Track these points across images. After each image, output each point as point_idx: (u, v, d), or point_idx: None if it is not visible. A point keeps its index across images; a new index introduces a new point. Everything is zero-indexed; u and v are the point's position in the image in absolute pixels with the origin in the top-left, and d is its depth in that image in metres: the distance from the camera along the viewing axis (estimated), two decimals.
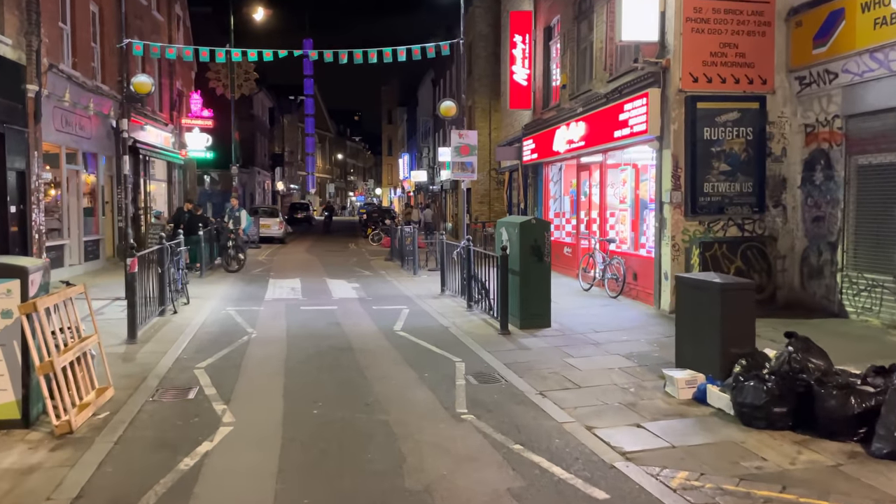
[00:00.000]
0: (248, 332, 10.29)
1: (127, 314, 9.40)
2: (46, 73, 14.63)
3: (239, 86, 26.81)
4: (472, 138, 14.17)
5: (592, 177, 15.16)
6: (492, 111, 28.91)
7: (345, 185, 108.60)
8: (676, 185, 11.29)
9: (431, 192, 44.42)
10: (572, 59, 16.15)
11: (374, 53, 13.82)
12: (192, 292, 13.92)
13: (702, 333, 7.11)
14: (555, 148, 16.40)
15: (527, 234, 10.34)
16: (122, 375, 7.67)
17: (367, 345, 9.47)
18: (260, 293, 14.45)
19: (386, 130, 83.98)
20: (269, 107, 57.25)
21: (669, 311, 11.35)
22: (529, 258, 10.37)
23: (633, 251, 13.42)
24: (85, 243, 17.41)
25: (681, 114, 11.22)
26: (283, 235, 30.11)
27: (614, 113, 12.79)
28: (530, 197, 19.49)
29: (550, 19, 18.00)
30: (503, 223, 11.17)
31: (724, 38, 11.25)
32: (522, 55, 19.07)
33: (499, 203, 29.61)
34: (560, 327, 10.45)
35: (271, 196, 59.15)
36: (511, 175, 22.55)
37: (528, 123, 19.21)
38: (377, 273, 18.75)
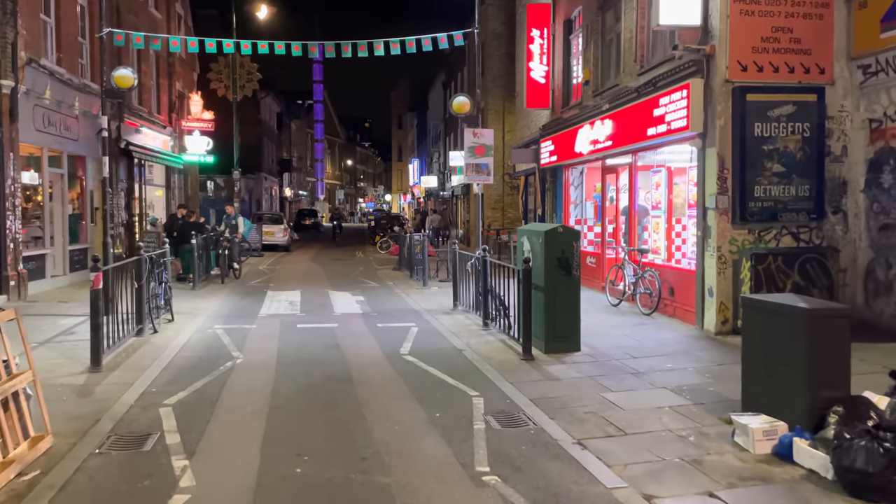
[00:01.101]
0: (234, 356, 8.97)
1: (90, 338, 8.10)
2: (24, 68, 13.43)
3: (241, 87, 25.60)
4: (487, 137, 12.85)
5: (620, 180, 13.79)
6: (505, 113, 27.60)
7: (354, 191, 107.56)
8: (722, 188, 9.90)
9: (442, 197, 43.13)
10: (596, 52, 14.81)
11: (381, 45, 12.52)
12: (181, 307, 12.67)
13: (779, 370, 5.73)
14: (577, 149, 15.05)
15: (553, 245, 9.00)
16: (71, 416, 6.36)
17: (368, 374, 8.13)
18: (254, 308, 13.15)
19: (396, 136, 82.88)
20: (278, 112, 56.18)
21: (715, 332, 9.96)
22: (556, 272, 9.03)
23: (668, 263, 12.03)
24: (71, 253, 16.19)
25: (727, 107, 9.85)
26: (287, 243, 28.87)
27: (647, 108, 11.44)
28: (548, 202, 18.13)
29: (571, 11, 16.68)
30: (525, 232, 9.83)
31: (777, 22, 9.88)
32: (540, 50, 17.75)
33: (512, 209, 28.27)
34: (591, 351, 9.08)
35: (279, 202, 58.03)
36: (527, 179, 21.21)
37: (547, 124, 17.87)
38: (384, 284, 17.43)
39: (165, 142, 23.97)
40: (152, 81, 22.82)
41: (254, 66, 26.11)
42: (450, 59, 39.69)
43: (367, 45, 12.50)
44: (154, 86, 23.10)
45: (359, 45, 12.46)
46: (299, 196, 68.71)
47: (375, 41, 12.49)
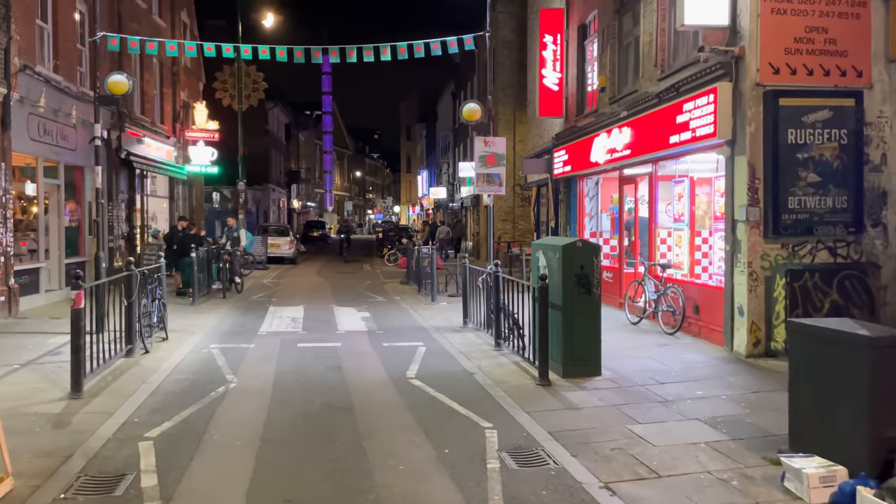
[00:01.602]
0: (228, 380, 8.33)
1: (71, 362, 7.48)
2: (17, 75, 12.92)
3: (247, 96, 25.07)
4: (499, 146, 12.22)
5: (639, 191, 13.12)
6: (516, 122, 27.00)
7: (363, 202, 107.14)
8: (753, 199, 9.22)
9: (451, 209, 42.52)
10: (613, 57, 14.18)
11: (388, 49, 11.93)
12: (178, 324, 12.09)
13: (835, 406, 5.04)
14: (592, 159, 14.39)
15: (571, 260, 8.34)
16: (40, 452, 5.73)
17: (371, 401, 7.47)
18: (255, 325, 12.53)
19: (405, 147, 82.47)
20: (286, 123, 55.84)
21: (746, 354, 9.24)
22: (574, 289, 8.36)
23: (692, 278, 11.33)
24: (68, 266, 15.62)
25: (758, 112, 9.18)
26: (293, 255, 28.27)
27: (670, 114, 10.78)
28: (562, 214, 17.47)
29: (586, 16, 16.07)
30: (540, 246, 9.17)
31: (811, 21, 9.22)
32: (553, 57, 17.15)
33: (524, 221, 27.60)
34: (613, 376, 8.38)
35: (287, 214, 57.59)
36: (539, 190, 20.56)
37: (560, 133, 17.23)
38: (391, 299, 16.79)
39: (169, 152, 23.48)
40: (155, 91, 22.37)
41: (259, 75, 25.62)
42: (459, 68, 39.20)
43: (373, 50, 11.92)
44: (157, 95, 22.65)
45: (364, 50, 11.89)
46: (308, 208, 68.28)
47: (382, 45, 11.92)
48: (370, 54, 11.92)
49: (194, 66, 27.87)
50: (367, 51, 11.89)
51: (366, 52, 11.89)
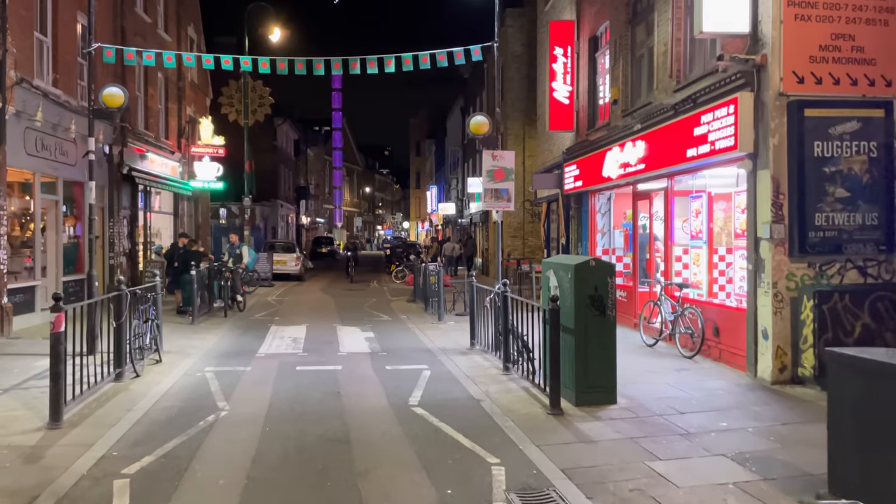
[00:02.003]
0: (219, 407, 7.84)
1: (49, 389, 7.02)
2: (13, 88, 12.60)
3: (253, 111, 24.79)
4: (508, 160, 11.75)
5: (654, 206, 12.60)
6: (525, 137, 26.57)
7: (373, 218, 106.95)
8: (778, 216, 8.68)
9: (460, 225, 42.06)
10: (625, 69, 13.72)
11: (392, 60, 11.52)
12: (174, 344, 11.64)
13: (885, 448, 4.48)
14: (604, 173, 13.90)
15: (584, 280, 7.83)
16: (5, 492, 5.25)
17: (370, 432, 6.96)
18: (253, 346, 12.05)
19: (414, 163, 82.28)
20: (295, 139, 55.72)
21: (772, 381, 8.66)
22: (587, 311, 7.85)
23: (711, 299, 10.78)
24: (66, 284, 15.22)
25: (782, 124, 8.67)
26: (300, 272, 27.86)
27: (687, 127, 10.28)
28: (573, 230, 16.95)
29: (597, 27, 15.64)
30: (551, 265, 8.66)
31: (837, 28, 8.73)
32: (564, 70, 16.71)
33: (533, 237, 27.09)
34: (629, 404, 7.84)
35: (295, 230, 57.32)
36: (549, 206, 20.05)
37: (571, 147, 16.76)
38: (397, 318, 16.29)
39: (174, 168, 23.19)
40: (160, 106, 22.09)
41: (266, 90, 25.35)
42: (468, 84, 38.92)
43: (377, 62, 11.51)
44: (162, 111, 22.37)
45: (368, 62, 11.48)
46: (317, 223, 68.04)
47: (386, 56, 11.51)
48: (374, 66, 11.51)
49: (201, 81, 27.66)
50: (371, 62, 11.49)
51: (369, 64, 11.48)
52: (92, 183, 11.12)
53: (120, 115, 17.52)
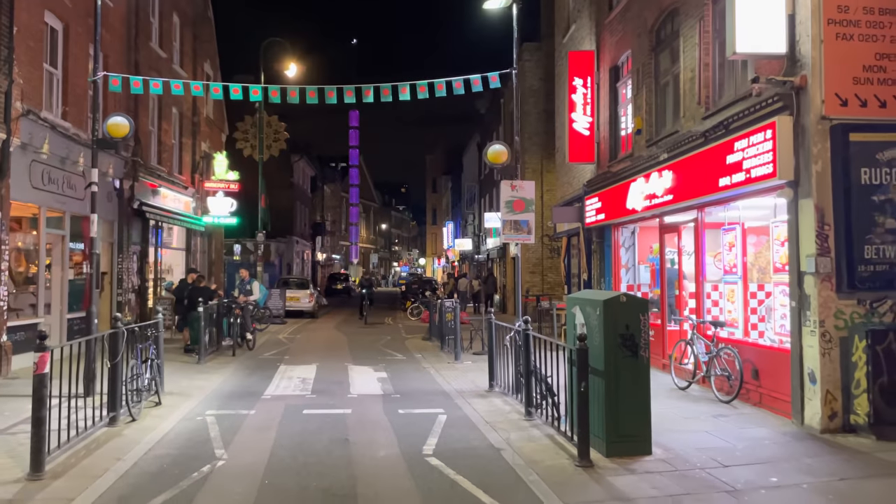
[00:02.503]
0: (216, 456, 7.21)
1: (31, 437, 6.43)
2: (19, 120, 12.29)
3: (268, 146, 24.60)
4: (527, 191, 11.19)
5: (683, 240, 11.94)
6: (544, 171, 26.11)
7: (389, 255, 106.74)
8: (823, 248, 8.01)
9: (477, 261, 41.48)
10: (649, 98, 13.21)
11: (406, 88, 11.08)
12: (177, 385, 11.07)
13: None
14: (628, 205, 13.30)
15: (614, 318, 7.18)
16: None
17: (378, 487, 6.28)
18: (260, 386, 11.43)
19: (430, 199, 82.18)
20: (311, 175, 55.76)
21: (821, 429, 7.89)
22: (618, 352, 7.18)
23: (748, 338, 10.05)
24: (70, 322, 14.75)
25: (825, 149, 8.06)
26: (313, 309, 27.30)
27: (718, 155, 9.69)
28: (595, 266, 16.29)
29: (618, 57, 15.20)
30: (577, 301, 8.01)
31: (882, 47, 8.15)
32: (584, 101, 16.25)
33: (553, 273, 26.41)
34: (666, 455, 7.10)
35: (311, 266, 57.01)
36: (569, 240, 19.43)
37: (592, 179, 16.20)
38: (411, 357, 15.63)
39: (187, 203, 22.89)
40: (174, 141, 21.88)
41: (281, 125, 25.19)
42: (484, 119, 38.73)
43: (390, 89, 11.09)
44: (176, 145, 22.16)
45: (382, 90, 11.05)
46: (332, 260, 67.77)
47: (401, 84, 11.09)
48: (388, 94, 11.07)
49: (217, 116, 27.57)
50: (385, 90, 11.06)
51: (383, 92, 11.06)
52: (94, 216, 10.66)
53: (130, 147, 17.36)
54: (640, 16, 13.61)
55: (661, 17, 12.78)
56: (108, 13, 16.45)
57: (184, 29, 22.41)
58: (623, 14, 14.69)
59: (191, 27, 23.19)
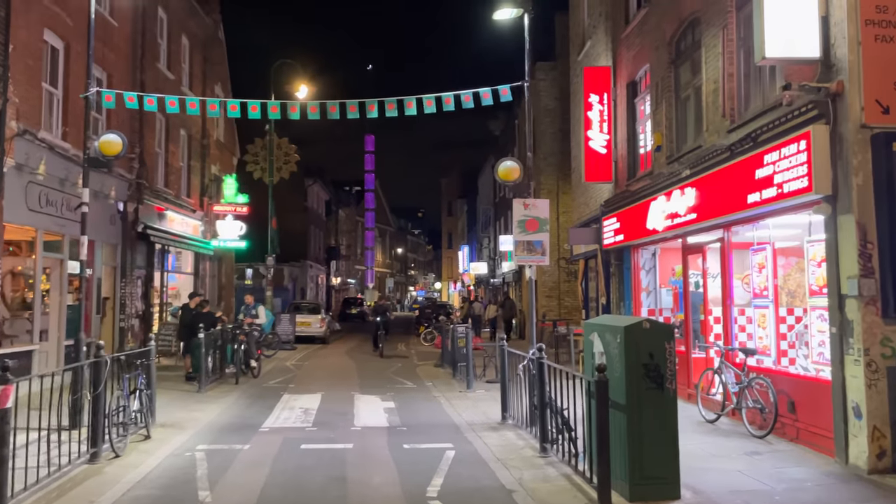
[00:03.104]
0: (200, 499, 6.57)
1: None
2: (13, 140, 11.90)
3: (278, 169, 24.22)
4: (541, 209, 10.55)
5: (708, 262, 11.22)
6: (559, 193, 25.49)
7: (405, 279, 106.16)
8: (866, 269, 7.29)
9: (492, 285, 40.77)
10: (669, 112, 12.59)
11: (412, 102, 10.55)
12: (171, 416, 10.47)
13: None
14: (649, 226, 12.62)
15: (636, 346, 6.51)
16: None
17: None
18: (259, 419, 10.79)
19: (446, 223, 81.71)
20: (326, 199, 55.53)
21: (868, 468, 7.11)
22: (641, 384, 6.49)
23: (782, 367, 9.28)
24: (68, 349, 14.20)
25: (866, 161, 7.37)
26: (324, 335, 26.67)
27: (746, 169, 9.02)
28: (614, 289, 15.57)
29: (635, 71, 14.62)
30: (595, 327, 7.34)
31: None
32: (600, 118, 15.66)
33: (570, 297, 25.66)
34: (696, 499, 6.37)
35: (325, 290, 56.53)
36: (587, 263, 18.74)
37: (610, 199, 15.55)
38: (422, 385, 14.94)
39: (196, 227, 22.48)
40: (182, 163, 21.53)
41: (292, 147, 24.83)
42: (498, 141, 38.28)
43: (396, 104, 10.55)
44: (184, 168, 21.81)
45: (387, 104, 10.52)
46: (348, 284, 67.29)
47: (407, 98, 10.54)
48: (393, 108, 10.54)
49: (228, 139, 27.30)
50: (391, 105, 10.53)
51: (388, 107, 10.53)
52: (85, 238, 10.15)
53: (134, 169, 16.95)
54: (659, 28, 13.04)
55: (681, 28, 12.20)
56: (113, 32, 16.19)
57: (193, 51, 22.18)
58: (640, 27, 14.13)
59: (201, 49, 22.97)
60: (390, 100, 10.51)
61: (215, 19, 24.48)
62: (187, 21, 21.67)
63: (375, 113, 10.43)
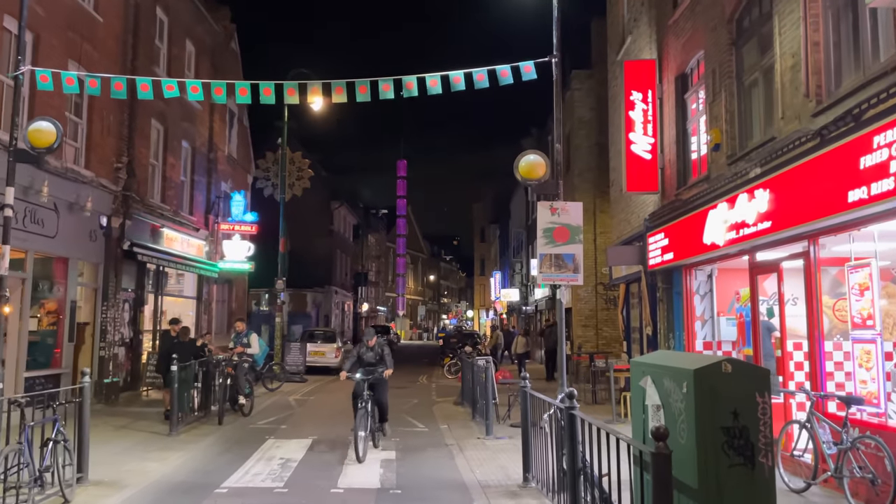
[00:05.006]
0: None
1: None
2: None
3: (290, 185, 22.48)
4: (573, 215, 8.38)
5: (784, 283, 8.91)
6: (596, 212, 23.23)
7: (437, 307, 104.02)
8: None
9: (525, 312, 38.43)
10: (730, 103, 10.41)
11: (437, 80, 8.71)
12: (113, 470, 8.54)
13: None
14: (706, 240, 10.39)
15: (713, 399, 4.36)
16: None
17: None
18: (224, 473, 8.74)
19: (478, 249, 79.62)
20: (354, 224, 53.93)
21: None
22: (720, 458, 4.35)
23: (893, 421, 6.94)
24: (28, 381, 12.41)
25: None
26: (339, 365, 24.55)
27: (846, 157, 6.81)
28: (661, 318, 13.27)
29: (686, 61, 12.49)
30: (649, 368, 5.17)
31: None
32: (644, 118, 13.49)
33: (609, 327, 23.23)
34: None
35: (352, 318, 54.66)
36: (628, 288, 16.44)
37: (656, 212, 13.33)
38: (434, 428, 12.79)
39: (200, 247, 20.77)
40: (183, 178, 19.89)
41: (305, 162, 23.13)
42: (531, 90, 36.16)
43: (414, 82, 8.67)
44: (186, 183, 20.17)
45: (405, 83, 8.63)
46: (377, 312, 65.38)
47: (430, 76, 8.63)
48: (412, 87, 8.72)
49: (241, 155, 25.73)
50: (409, 83, 8.69)
51: (407, 86, 8.70)
52: (7, 248, 8.26)
53: (121, 180, 15.20)
54: (716, 5, 10.92)
55: (744, 1, 10.07)
56: (97, 27, 14.65)
57: (200, 58, 20.65)
58: (692, 9, 12.03)
59: (209, 57, 21.45)
60: (409, 78, 8.62)
61: (226, 27, 23.04)
62: (193, 27, 20.19)
63: (391, 93, 8.55)
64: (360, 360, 10.66)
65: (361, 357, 10.69)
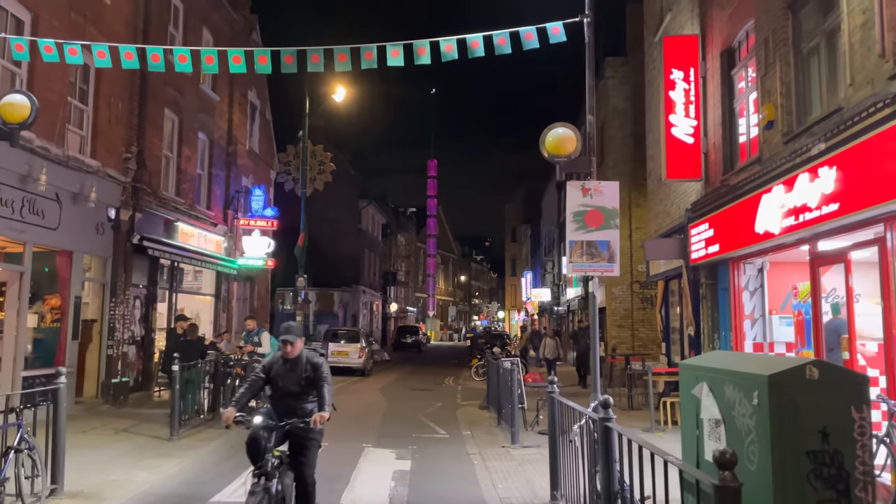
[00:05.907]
0: None
1: None
2: None
3: (311, 179, 21.71)
4: (608, 196, 7.30)
5: (852, 276, 7.75)
6: (632, 206, 22.01)
7: (468, 308, 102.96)
8: None
9: (557, 313, 37.23)
10: (786, 73, 9.27)
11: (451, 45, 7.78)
12: (97, 479, 7.77)
13: None
14: (758, 228, 9.25)
15: (793, 413, 3.29)
16: None
17: None
18: (218, 484, 7.90)
19: (510, 249, 78.44)
20: (382, 223, 53.18)
21: None
22: (805, 490, 3.29)
23: None
24: (27, 380, 11.72)
25: None
26: (363, 366, 23.80)
27: None
28: (705, 317, 12.13)
29: (733, 34, 11.34)
30: (703, 372, 4.14)
31: None
32: (685, 98, 12.35)
33: (645, 327, 22.00)
34: None
35: (381, 318, 53.96)
36: (668, 284, 15.26)
37: (699, 200, 12.19)
38: (456, 435, 11.83)
39: (218, 243, 20.09)
40: (200, 171, 19.21)
41: (327, 155, 22.34)
42: None
43: (427, 47, 7.74)
44: (203, 176, 19.49)
45: (417, 48, 7.72)
46: (406, 312, 64.62)
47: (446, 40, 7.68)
48: (424, 53, 7.82)
49: (264, 150, 25.06)
50: (421, 49, 7.77)
51: (419, 51, 7.81)
52: None
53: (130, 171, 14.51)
54: None
55: None
56: (104, 10, 13.98)
57: (218, 47, 19.95)
58: None
59: (227, 47, 20.73)
60: (421, 43, 7.70)
61: (246, 16, 22.37)
62: (210, 14, 19.53)
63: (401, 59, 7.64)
64: (272, 384, 5.88)
65: (273, 380, 5.84)
